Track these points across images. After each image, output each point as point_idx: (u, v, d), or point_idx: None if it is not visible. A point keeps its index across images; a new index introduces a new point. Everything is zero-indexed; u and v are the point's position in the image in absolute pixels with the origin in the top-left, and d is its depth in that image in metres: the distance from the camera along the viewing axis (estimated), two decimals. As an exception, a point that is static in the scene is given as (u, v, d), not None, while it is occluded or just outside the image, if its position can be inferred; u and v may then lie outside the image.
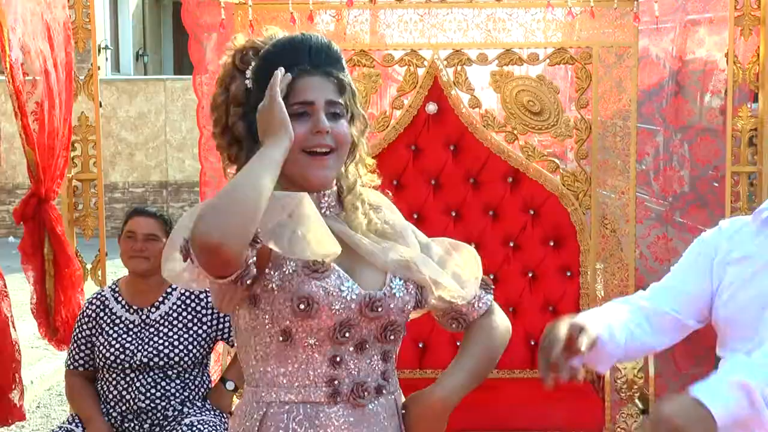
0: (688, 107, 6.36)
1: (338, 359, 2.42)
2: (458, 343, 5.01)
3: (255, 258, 2.28)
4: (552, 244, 5.11)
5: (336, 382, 2.43)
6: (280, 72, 2.35)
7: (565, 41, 5.08)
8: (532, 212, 5.13)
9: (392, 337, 2.48)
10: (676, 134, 6.35)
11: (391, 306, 2.43)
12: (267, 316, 2.40)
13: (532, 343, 5.12)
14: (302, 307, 2.35)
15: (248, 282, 2.31)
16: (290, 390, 2.44)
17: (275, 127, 2.31)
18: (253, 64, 2.49)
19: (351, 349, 2.43)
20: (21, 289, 10.54)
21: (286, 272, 2.37)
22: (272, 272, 2.38)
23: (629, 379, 4.58)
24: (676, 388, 5.62)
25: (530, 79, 5.16)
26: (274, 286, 2.37)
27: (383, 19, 5.20)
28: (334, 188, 2.50)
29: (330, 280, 2.37)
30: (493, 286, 2.68)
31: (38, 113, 4.77)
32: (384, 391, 2.49)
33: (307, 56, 2.43)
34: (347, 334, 2.39)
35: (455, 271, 2.58)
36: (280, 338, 2.41)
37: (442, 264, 2.57)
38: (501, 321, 2.67)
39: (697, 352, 5.61)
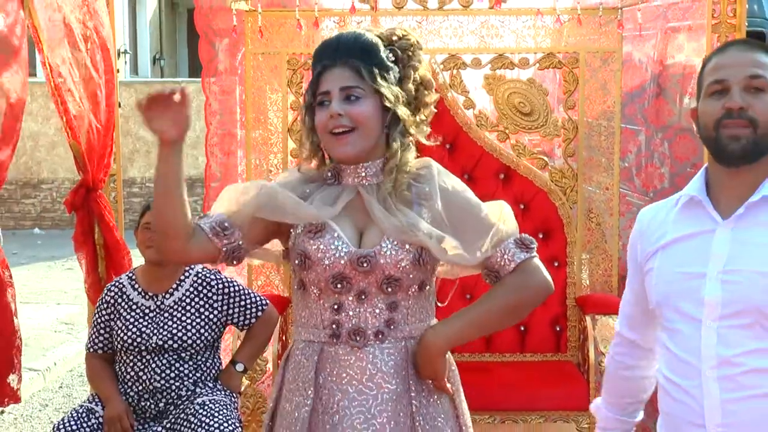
0: (668, 108, 6.35)
1: (337, 306, 2.68)
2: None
3: (240, 241, 2.69)
4: (541, 236, 5.11)
5: (335, 326, 2.68)
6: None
7: (553, 47, 5.08)
8: (522, 206, 5.12)
9: (390, 290, 2.66)
10: (657, 133, 6.35)
11: (382, 262, 2.63)
12: (292, 269, 2.74)
13: (522, 328, 5.12)
14: (299, 261, 2.67)
15: (234, 261, 2.72)
16: (306, 330, 2.75)
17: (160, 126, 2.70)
18: None
19: (351, 298, 2.67)
20: (46, 277, 10.64)
21: (295, 233, 2.71)
22: (291, 233, 2.72)
23: (612, 363, 4.57)
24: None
25: (521, 82, 5.15)
26: (291, 244, 2.71)
27: (383, 25, 5.19)
28: (378, 161, 2.72)
29: (324, 239, 2.65)
30: (534, 245, 2.77)
31: (80, 108, 4.78)
32: (389, 337, 2.69)
33: (330, 52, 2.68)
34: (339, 285, 2.65)
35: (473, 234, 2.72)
36: (297, 287, 2.76)
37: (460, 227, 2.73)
38: (533, 280, 2.76)
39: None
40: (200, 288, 4.45)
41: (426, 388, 2.75)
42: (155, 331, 4.35)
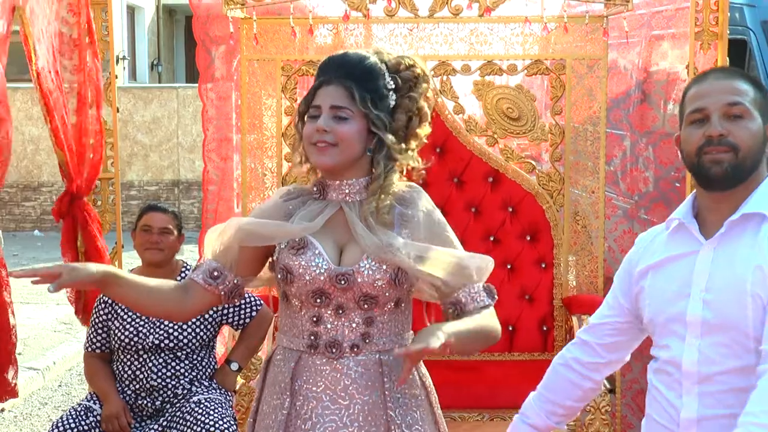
0: (653, 114, 6.36)
1: (316, 319, 2.73)
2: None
3: (236, 280, 2.81)
4: (528, 238, 5.11)
5: (313, 336, 2.73)
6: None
7: (541, 54, 5.08)
8: (510, 209, 5.12)
9: (367, 306, 2.70)
10: (642, 138, 6.35)
11: (359, 281, 2.67)
12: (277, 281, 2.79)
13: (510, 328, 5.12)
14: (282, 276, 2.73)
15: (236, 299, 2.85)
16: (287, 337, 2.81)
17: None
18: None
19: (330, 311, 2.72)
20: (45, 278, 10.58)
21: (279, 248, 2.77)
22: (276, 247, 2.78)
23: (598, 361, 4.57)
24: (639, 368, 5.63)
25: (509, 88, 5.15)
26: (275, 258, 2.78)
27: (376, 32, 5.19)
28: (362, 180, 2.75)
29: (306, 256, 2.70)
30: (495, 298, 2.81)
31: (68, 116, 4.75)
32: (363, 350, 2.73)
33: (332, 69, 2.72)
34: (319, 300, 2.70)
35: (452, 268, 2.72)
36: (281, 297, 2.82)
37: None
38: (495, 322, 2.79)
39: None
40: (196, 289, 4.45)
41: (403, 399, 2.77)
42: (152, 330, 4.35)
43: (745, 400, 2.47)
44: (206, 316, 4.41)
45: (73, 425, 4.23)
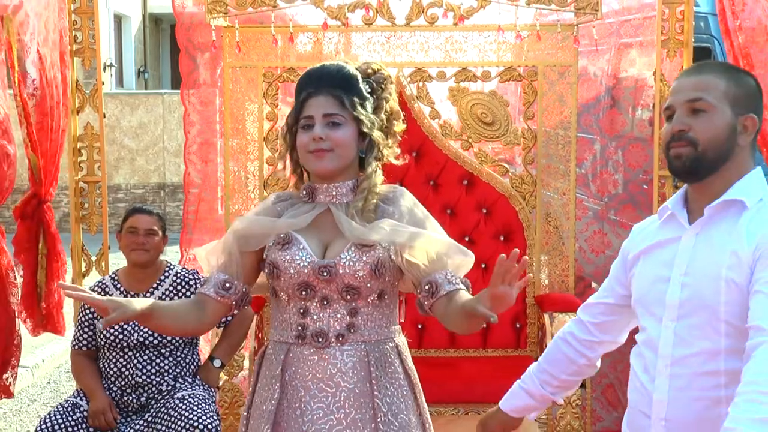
0: (622, 119, 6.38)
1: (303, 311, 2.78)
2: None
3: (244, 288, 2.85)
4: (502, 238, 5.12)
5: (301, 328, 2.78)
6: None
7: (514, 61, 5.07)
8: (484, 211, 5.13)
9: (350, 297, 2.76)
10: (611, 142, 6.36)
11: (341, 272, 2.72)
12: (266, 276, 2.85)
13: (485, 325, 5.10)
14: (270, 271, 2.79)
15: (245, 306, 2.90)
16: (277, 331, 2.86)
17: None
18: None
19: (315, 303, 2.77)
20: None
21: (268, 246, 2.82)
22: (265, 247, 2.83)
23: (569, 357, 4.58)
24: (608, 363, 5.64)
25: (483, 94, 5.15)
26: (264, 256, 2.83)
27: (354, 40, 5.18)
28: (349, 182, 2.82)
29: (291, 251, 2.76)
30: (469, 288, 2.83)
31: (42, 123, 4.76)
32: (349, 340, 2.78)
33: (315, 81, 2.80)
34: (305, 292, 2.75)
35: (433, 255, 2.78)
36: (271, 293, 2.87)
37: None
38: None
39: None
40: (179, 287, 4.45)
41: (389, 387, 2.81)
42: (136, 328, 4.34)
43: (717, 384, 2.50)
44: (190, 314, 4.40)
45: (60, 421, 4.21)
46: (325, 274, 2.72)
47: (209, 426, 4.09)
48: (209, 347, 4.66)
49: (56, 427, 4.18)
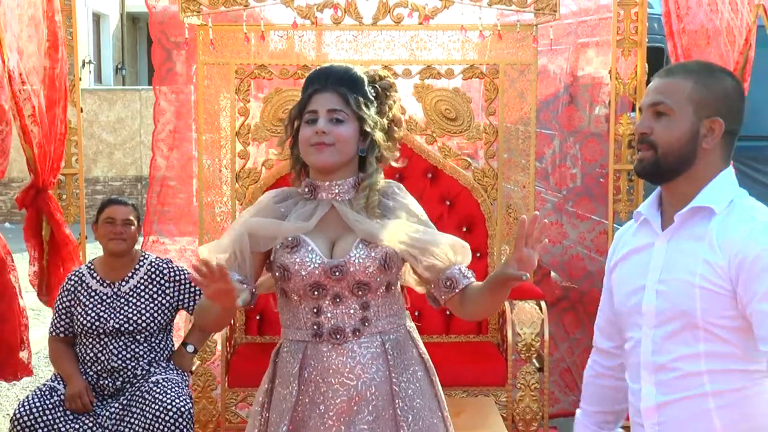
0: (579, 115, 6.41)
1: (317, 309, 2.75)
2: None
3: (254, 288, 2.79)
4: (465, 229, 5.12)
5: (316, 326, 2.75)
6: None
7: (476, 59, 5.07)
8: (448, 203, 5.13)
9: (361, 292, 2.74)
10: (569, 137, 6.39)
11: (352, 270, 2.70)
12: (275, 279, 2.80)
13: (447, 312, 5.12)
14: (280, 273, 2.74)
15: (252, 306, 2.83)
16: (290, 331, 2.82)
17: (223, 304, 2.55)
18: None
19: (328, 302, 2.74)
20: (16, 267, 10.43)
21: (275, 249, 2.77)
22: (273, 250, 2.78)
23: (528, 343, 4.59)
24: (565, 348, 5.66)
25: (447, 91, 5.14)
26: (272, 258, 2.78)
27: (324, 39, 5.17)
28: (350, 180, 2.80)
29: (300, 253, 2.72)
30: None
31: (35, 116, 4.73)
32: (365, 333, 2.76)
33: (322, 79, 2.78)
34: (317, 292, 2.72)
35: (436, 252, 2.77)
36: (280, 294, 2.84)
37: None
38: None
39: (582, 318, 5.67)
40: (154, 276, 4.43)
41: (405, 373, 2.82)
42: (112, 315, 4.32)
43: (701, 382, 2.46)
44: (163, 302, 4.39)
45: (38, 404, 4.18)
46: (337, 273, 2.70)
47: (182, 409, 4.08)
48: (182, 333, 4.64)
49: (34, 410, 4.16)
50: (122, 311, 4.33)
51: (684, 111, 2.51)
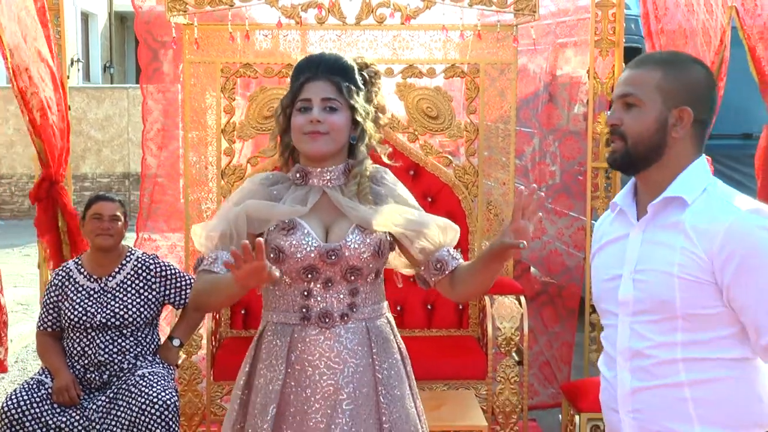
0: (558, 113, 6.43)
1: (307, 293, 2.73)
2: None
3: None
4: (446, 225, 5.11)
5: (305, 309, 2.74)
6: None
7: (457, 58, 5.07)
8: (430, 199, 5.12)
9: (353, 278, 2.73)
10: (548, 135, 6.41)
11: (347, 254, 2.69)
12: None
13: (429, 307, 5.13)
14: (275, 255, 2.69)
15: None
16: (277, 314, 2.79)
17: (252, 283, 2.48)
18: None
19: (319, 285, 2.73)
20: (5, 262, 10.43)
21: (269, 230, 2.73)
22: (266, 230, 2.73)
23: (508, 337, 4.60)
24: (544, 341, 5.67)
25: (429, 90, 5.14)
26: (264, 239, 2.63)
27: (309, 38, 5.16)
28: (341, 166, 2.78)
29: (296, 236, 2.69)
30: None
31: (42, 110, 4.76)
32: (352, 318, 2.76)
33: (313, 67, 2.75)
34: (310, 275, 2.70)
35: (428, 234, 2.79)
36: None
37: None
38: None
39: (561, 312, 5.68)
40: (140, 271, 4.42)
41: (387, 361, 2.82)
42: (99, 310, 4.30)
43: (676, 370, 2.45)
44: (149, 296, 4.38)
45: (26, 397, 4.16)
46: (333, 257, 2.69)
47: (168, 402, 4.07)
48: (169, 328, 4.62)
49: (22, 402, 4.14)
50: (109, 306, 4.32)
51: (652, 101, 2.49)
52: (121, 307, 4.32)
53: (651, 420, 2.51)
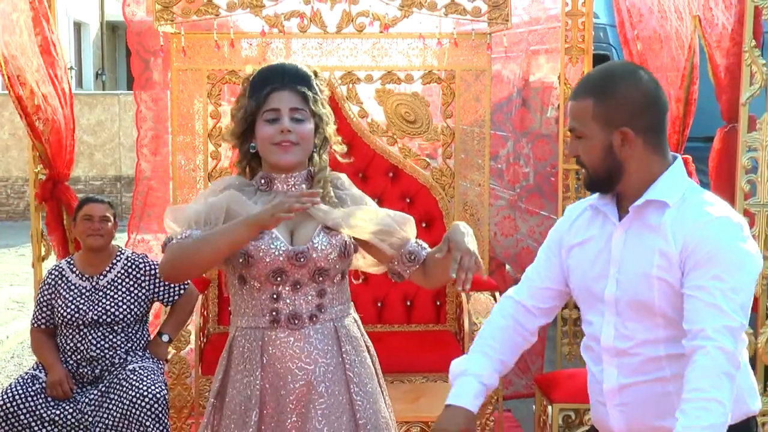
0: (530, 117, 6.44)
1: (276, 296, 2.69)
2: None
3: None
4: (424, 225, 5.11)
5: (275, 312, 2.69)
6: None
7: (434, 65, 5.07)
8: (408, 200, 5.13)
9: (321, 279, 2.70)
10: (521, 138, 6.43)
11: (314, 256, 2.66)
12: (230, 267, 2.72)
13: (408, 303, 5.13)
14: (243, 259, 2.64)
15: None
16: (246, 319, 2.74)
17: (264, 221, 2.51)
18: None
19: (288, 288, 2.69)
20: (1, 262, 10.36)
21: None
22: None
23: (483, 331, 4.60)
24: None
25: (407, 95, 5.14)
26: None
27: (292, 46, 5.16)
28: (304, 172, 2.74)
29: (263, 240, 2.63)
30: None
31: (44, 114, 4.80)
32: (320, 319, 2.73)
33: (278, 77, 2.70)
34: (279, 279, 2.66)
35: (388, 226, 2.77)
36: (237, 281, 2.73)
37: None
38: None
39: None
40: (130, 270, 4.41)
41: (356, 359, 2.80)
42: (91, 307, 4.29)
43: (660, 366, 2.45)
44: (139, 294, 4.37)
45: (20, 391, 4.15)
46: (301, 259, 2.65)
47: (158, 395, 4.07)
48: (158, 324, 4.61)
49: (17, 396, 4.13)
50: (100, 304, 4.31)
51: (592, 131, 2.47)
52: (112, 304, 4.31)
53: (638, 413, 2.53)
